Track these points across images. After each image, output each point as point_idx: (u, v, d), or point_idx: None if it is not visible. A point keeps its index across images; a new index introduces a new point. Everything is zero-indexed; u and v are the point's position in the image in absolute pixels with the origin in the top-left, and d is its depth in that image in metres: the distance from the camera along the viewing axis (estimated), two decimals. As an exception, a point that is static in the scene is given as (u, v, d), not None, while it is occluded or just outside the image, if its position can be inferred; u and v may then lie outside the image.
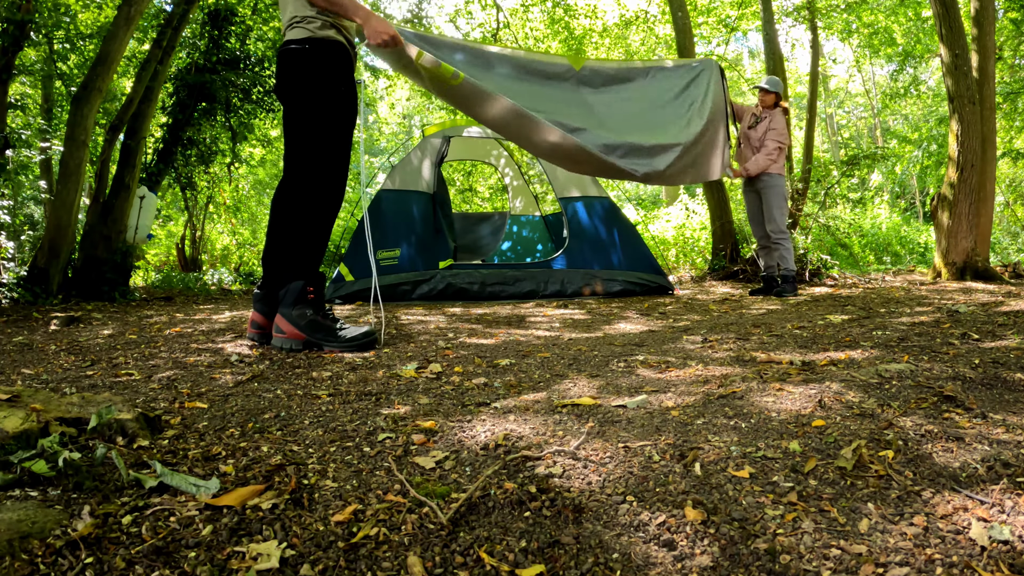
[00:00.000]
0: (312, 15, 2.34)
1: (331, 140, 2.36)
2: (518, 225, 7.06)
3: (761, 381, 1.60)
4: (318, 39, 2.34)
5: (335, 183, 2.38)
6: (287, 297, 2.28)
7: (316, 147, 2.34)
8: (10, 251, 5.18)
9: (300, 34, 2.33)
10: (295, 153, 2.36)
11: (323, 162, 2.35)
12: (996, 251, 9.80)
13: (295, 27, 2.35)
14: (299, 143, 2.36)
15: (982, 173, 5.82)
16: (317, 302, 2.32)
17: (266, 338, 2.39)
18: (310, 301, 2.29)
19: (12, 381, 1.80)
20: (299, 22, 2.34)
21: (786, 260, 4.84)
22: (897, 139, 16.19)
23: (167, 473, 0.98)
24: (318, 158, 2.34)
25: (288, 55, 2.34)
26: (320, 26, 2.34)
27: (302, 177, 2.34)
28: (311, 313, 2.27)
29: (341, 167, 2.40)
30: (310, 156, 2.34)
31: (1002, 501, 0.87)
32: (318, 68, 2.34)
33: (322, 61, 2.34)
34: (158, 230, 12.15)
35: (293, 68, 2.34)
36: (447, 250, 5.18)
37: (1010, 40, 9.76)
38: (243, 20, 7.69)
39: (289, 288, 2.29)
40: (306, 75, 2.32)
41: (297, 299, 2.27)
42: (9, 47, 5.16)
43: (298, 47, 2.32)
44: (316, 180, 2.34)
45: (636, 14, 12.23)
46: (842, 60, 21.20)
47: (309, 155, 2.34)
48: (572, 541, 0.83)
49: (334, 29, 2.37)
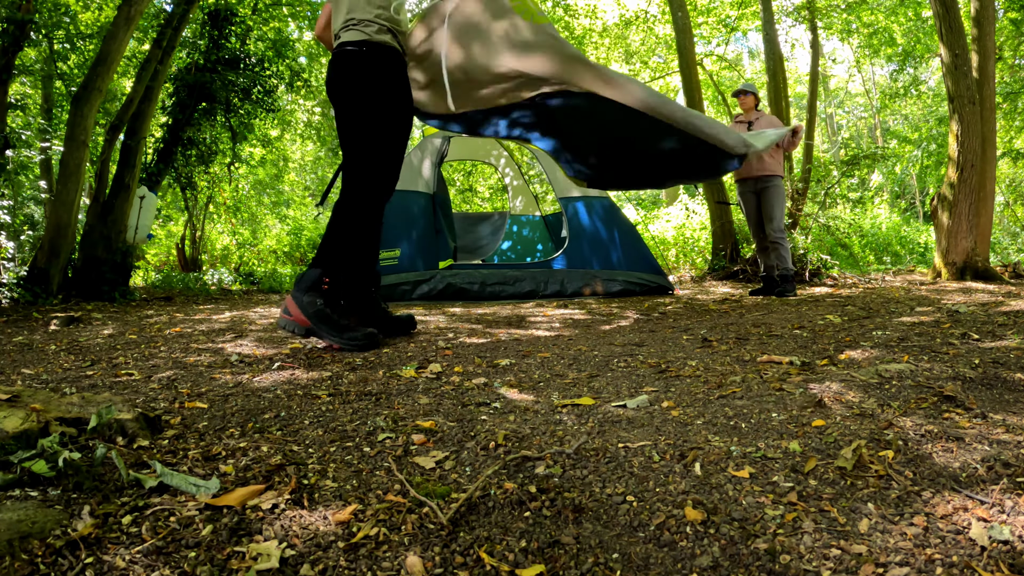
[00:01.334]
0: (370, 19, 2.36)
1: (386, 144, 2.40)
2: (518, 225, 7.06)
3: (761, 381, 1.60)
4: (375, 43, 2.36)
5: (385, 187, 2.42)
6: (302, 282, 2.31)
7: (371, 151, 2.38)
8: (10, 251, 5.18)
9: (356, 36, 2.35)
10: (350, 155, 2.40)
11: (376, 166, 2.38)
12: (996, 251, 9.79)
13: (351, 29, 2.36)
14: (354, 145, 2.39)
15: (982, 173, 5.81)
16: (330, 294, 2.35)
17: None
18: (323, 291, 2.32)
19: (12, 381, 1.80)
20: (355, 24, 2.36)
21: (784, 260, 4.86)
22: (897, 139, 16.19)
23: (167, 473, 0.98)
24: (372, 162, 2.38)
25: (343, 57, 2.35)
26: (377, 30, 2.37)
27: (355, 179, 2.38)
28: (320, 303, 2.30)
29: (394, 171, 2.44)
30: (364, 159, 2.38)
31: (1002, 501, 0.87)
32: (374, 72, 2.36)
33: (378, 65, 2.37)
34: (158, 230, 12.15)
35: (348, 71, 2.35)
36: (447, 250, 5.19)
37: (1010, 40, 9.76)
38: (243, 20, 7.69)
39: (307, 274, 2.33)
40: (362, 79, 2.35)
41: (311, 286, 2.30)
42: (9, 47, 5.16)
43: (354, 50, 2.34)
44: (368, 184, 2.38)
45: (636, 14, 12.23)
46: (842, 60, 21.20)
47: (363, 158, 2.38)
48: (572, 541, 0.83)
49: (390, 35, 2.41)
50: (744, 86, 5.13)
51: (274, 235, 13.74)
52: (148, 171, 6.84)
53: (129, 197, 5.52)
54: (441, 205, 5.47)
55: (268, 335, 2.75)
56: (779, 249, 4.88)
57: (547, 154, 3.30)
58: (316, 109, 13.02)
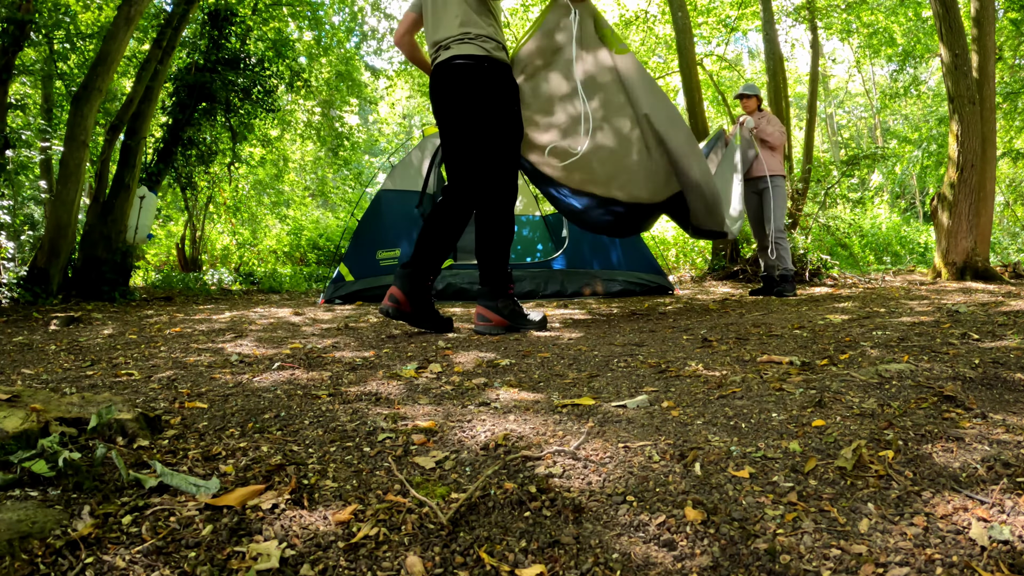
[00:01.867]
0: (486, 35, 2.47)
1: (510, 156, 2.64)
2: (518, 225, 7.06)
3: (761, 381, 1.60)
4: (496, 60, 2.50)
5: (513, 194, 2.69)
6: (489, 294, 2.69)
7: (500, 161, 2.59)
8: (10, 251, 5.18)
9: (477, 51, 2.45)
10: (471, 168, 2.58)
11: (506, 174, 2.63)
12: (996, 251, 9.80)
13: (468, 43, 2.45)
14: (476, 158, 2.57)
15: (982, 173, 5.81)
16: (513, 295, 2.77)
17: (399, 314, 2.61)
18: (508, 295, 2.73)
19: (12, 381, 1.80)
20: (473, 39, 2.45)
21: (784, 260, 4.87)
22: (897, 139, 16.18)
23: (167, 473, 0.98)
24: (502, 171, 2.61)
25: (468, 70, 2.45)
26: (495, 47, 2.50)
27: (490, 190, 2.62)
28: (512, 304, 2.73)
29: (516, 179, 2.72)
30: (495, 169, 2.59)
31: (1002, 501, 0.87)
32: (502, 87, 2.52)
33: (504, 81, 2.53)
34: (158, 230, 12.15)
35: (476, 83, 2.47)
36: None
37: (1010, 40, 9.76)
38: (243, 20, 7.69)
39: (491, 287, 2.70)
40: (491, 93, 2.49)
41: (498, 292, 2.70)
42: (9, 47, 5.16)
43: (476, 64, 2.45)
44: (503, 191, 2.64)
45: (636, 14, 12.23)
46: (842, 60, 21.20)
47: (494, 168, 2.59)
48: (572, 541, 0.83)
49: (504, 52, 2.56)
50: (744, 89, 5.11)
51: (274, 235, 13.74)
52: (148, 171, 6.84)
53: (129, 197, 5.52)
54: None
55: (268, 335, 2.75)
56: (779, 249, 4.88)
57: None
58: (316, 109, 13.02)
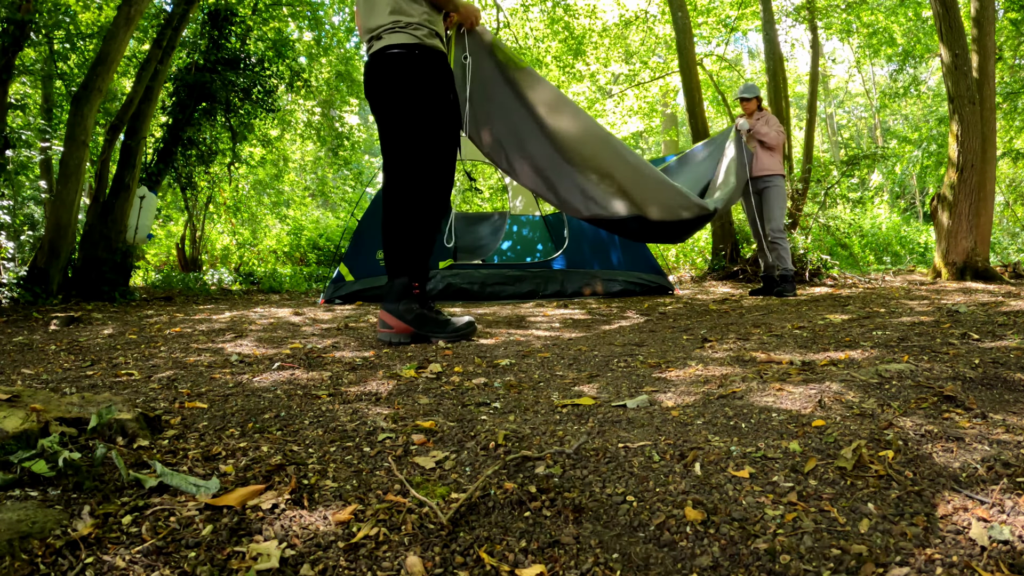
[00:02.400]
0: (417, 22, 2.33)
1: (442, 147, 2.41)
2: (518, 225, 7.06)
3: (761, 381, 1.60)
4: (427, 47, 2.34)
5: (445, 188, 2.46)
6: (392, 294, 2.39)
7: (428, 154, 2.38)
8: (10, 251, 5.18)
9: (405, 39, 2.31)
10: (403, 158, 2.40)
11: (434, 168, 2.41)
12: (996, 251, 9.79)
13: (397, 32, 2.32)
14: (409, 149, 2.39)
15: (982, 173, 5.81)
16: (421, 297, 2.43)
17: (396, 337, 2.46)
18: (415, 296, 2.40)
19: (12, 381, 1.80)
20: (403, 28, 2.31)
21: (783, 260, 4.87)
22: (897, 139, 16.18)
23: (167, 473, 0.98)
24: (430, 164, 2.39)
25: (395, 60, 2.31)
26: (427, 34, 2.35)
27: (413, 183, 2.40)
28: (417, 307, 2.38)
29: (450, 173, 2.48)
30: (422, 162, 2.39)
31: (1002, 501, 0.87)
32: (429, 76, 2.34)
33: (432, 69, 2.36)
34: (158, 230, 12.14)
35: (402, 73, 2.32)
36: (447, 250, 5.18)
37: (1010, 40, 9.76)
38: (243, 20, 7.69)
39: (394, 284, 2.40)
40: (417, 82, 2.32)
41: (402, 294, 2.38)
42: (9, 47, 5.16)
43: (404, 52, 2.30)
44: (428, 186, 2.40)
45: (636, 14, 12.22)
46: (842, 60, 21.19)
47: (420, 161, 2.39)
48: (572, 541, 0.83)
49: (437, 38, 2.40)
50: (743, 91, 5.09)
51: (274, 235, 13.74)
52: (148, 171, 6.84)
53: (129, 197, 5.52)
54: (441, 205, 5.46)
55: (268, 335, 2.75)
56: (778, 249, 4.89)
57: None
58: (316, 109, 13.02)
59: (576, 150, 2.98)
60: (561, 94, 3.04)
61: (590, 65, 13.09)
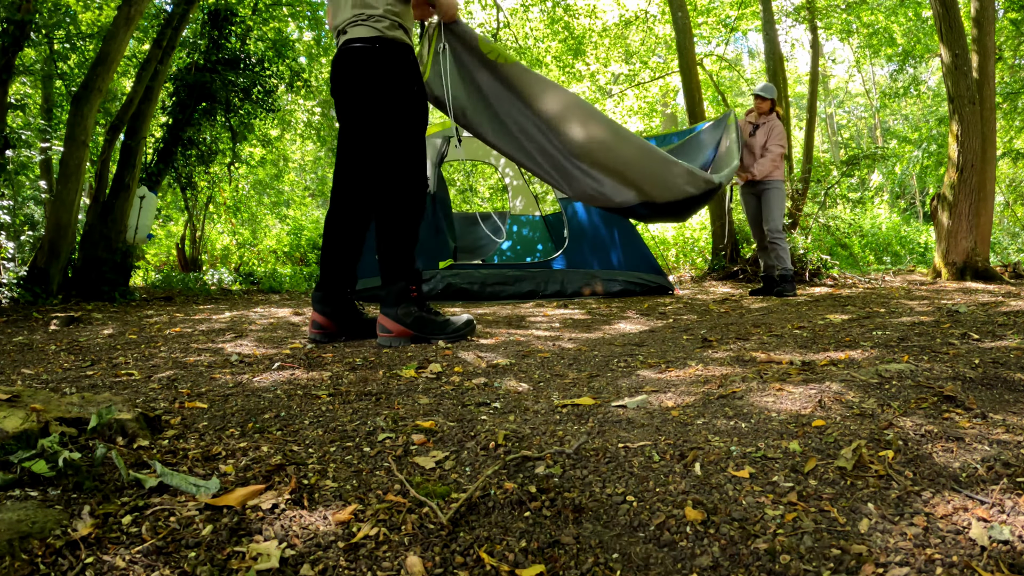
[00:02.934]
0: (379, 13, 2.27)
1: (411, 140, 2.35)
2: (518, 225, 7.06)
3: (761, 381, 1.60)
4: (389, 39, 2.28)
5: (419, 182, 2.40)
6: (390, 298, 2.35)
7: (398, 149, 2.32)
8: (10, 251, 5.18)
9: (368, 32, 2.25)
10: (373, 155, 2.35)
11: (406, 163, 2.35)
12: (996, 251, 9.79)
13: (360, 25, 2.26)
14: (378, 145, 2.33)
15: (982, 173, 5.81)
16: (419, 299, 2.40)
17: (328, 338, 2.43)
18: (413, 299, 2.37)
19: (12, 381, 1.80)
20: (365, 20, 2.26)
21: (783, 260, 4.90)
22: (897, 139, 16.18)
23: (167, 473, 0.98)
24: (401, 160, 2.33)
25: (358, 54, 2.25)
26: (389, 26, 2.28)
27: (387, 181, 2.35)
28: (415, 310, 2.36)
29: (422, 166, 2.42)
30: (393, 159, 2.33)
31: (1002, 501, 0.87)
32: (392, 68, 2.28)
33: (395, 61, 2.29)
34: (158, 230, 12.14)
35: (365, 67, 2.26)
36: (447, 250, 5.18)
37: (1010, 40, 9.76)
38: (243, 20, 7.68)
39: (392, 289, 2.36)
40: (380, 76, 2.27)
41: (400, 298, 2.35)
42: (9, 47, 5.16)
43: (367, 46, 2.25)
44: (402, 182, 2.35)
45: (636, 14, 12.23)
46: (842, 60, 21.21)
47: (391, 158, 2.33)
48: (572, 541, 0.83)
49: (402, 30, 2.33)
50: (762, 89, 5.05)
51: (274, 235, 13.74)
52: (148, 171, 6.83)
53: (129, 197, 5.52)
54: (441, 205, 5.47)
55: (268, 335, 2.75)
56: (777, 250, 4.91)
57: None
58: (316, 109, 13.02)
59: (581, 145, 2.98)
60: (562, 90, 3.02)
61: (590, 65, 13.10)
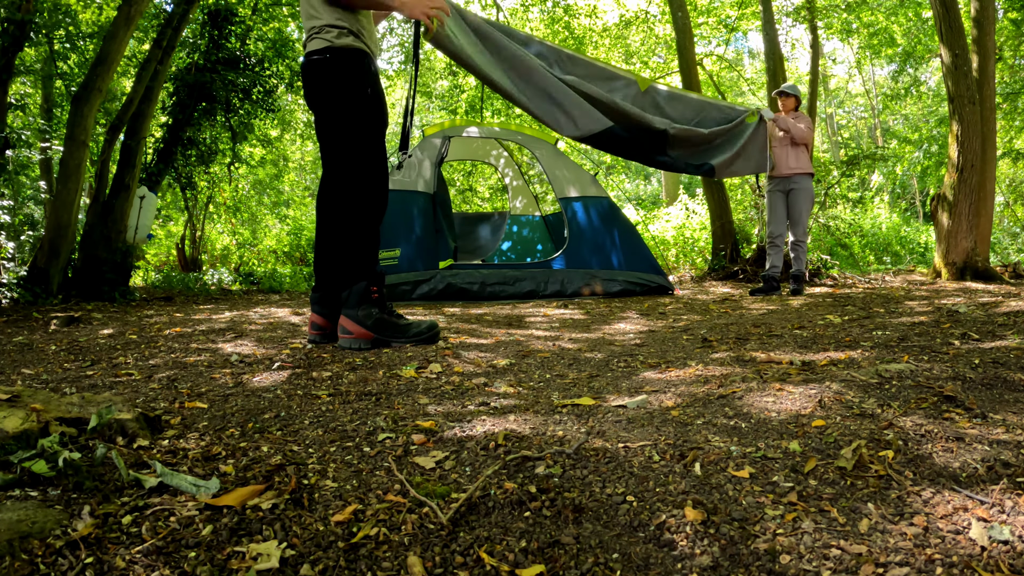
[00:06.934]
0: (329, 24, 2.36)
1: (367, 143, 2.40)
2: (518, 225, 7.06)
3: (761, 381, 1.60)
4: (337, 48, 2.36)
5: (378, 183, 2.43)
6: (351, 299, 2.34)
7: (354, 152, 2.39)
8: (10, 251, 5.17)
9: (319, 45, 2.36)
10: (334, 159, 2.41)
11: (363, 165, 2.39)
12: (996, 251, 9.80)
13: (314, 38, 2.38)
14: (337, 150, 2.40)
15: (982, 173, 5.82)
16: (380, 301, 2.39)
17: (327, 339, 2.45)
18: (374, 300, 2.36)
19: (12, 381, 1.80)
20: (317, 33, 2.37)
21: (801, 262, 4.99)
22: (897, 139, 16.18)
23: (167, 473, 0.98)
24: (358, 162, 2.39)
25: (311, 66, 2.38)
26: (337, 35, 2.36)
27: (345, 183, 2.40)
28: (376, 312, 2.34)
29: (381, 167, 2.45)
30: (350, 161, 2.39)
31: (1002, 501, 0.87)
32: (341, 76, 2.37)
33: (344, 69, 2.37)
34: (158, 230, 12.14)
35: (318, 78, 2.38)
36: (447, 250, 5.18)
37: (1010, 40, 9.76)
38: (243, 20, 7.68)
39: (352, 290, 2.35)
40: (331, 84, 2.37)
41: (361, 299, 2.34)
42: (9, 47, 5.16)
43: (319, 58, 2.36)
44: (360, 184, 2.39)
45: (636, 14, 12.23)
46: (842, 60, 21.21)
47: (349, 161, 2.39)
48: (572, 541, 0.83)
49: (352, 36, 2.40)
50: (786, 87, 5.12)
51: (274, 235, 13.74)
52: (148, 171, 6.83)
53: (129, 197, 5.52)
54: (441, 205, 5.47)
55: (268, 335, 2.75)
56: (799, 251, 4.98)
57: None
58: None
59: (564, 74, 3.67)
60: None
61: (590, 65, 13.07)
